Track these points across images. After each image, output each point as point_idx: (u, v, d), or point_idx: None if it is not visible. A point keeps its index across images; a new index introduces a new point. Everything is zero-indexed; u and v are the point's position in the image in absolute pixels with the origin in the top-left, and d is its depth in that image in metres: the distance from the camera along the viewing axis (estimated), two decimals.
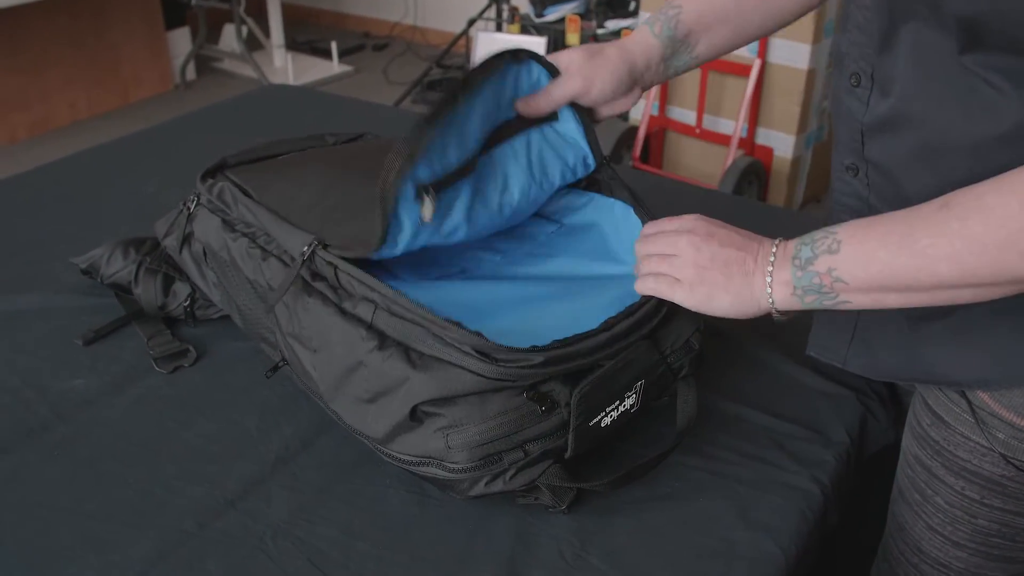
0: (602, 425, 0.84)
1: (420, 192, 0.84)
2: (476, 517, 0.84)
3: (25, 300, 1.15)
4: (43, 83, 3.45)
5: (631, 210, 0.99)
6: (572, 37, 3.35)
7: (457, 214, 0.89)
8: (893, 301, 0.74)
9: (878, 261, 0.71)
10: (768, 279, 0.78)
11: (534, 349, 0.77)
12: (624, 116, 3.56)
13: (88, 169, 1.55)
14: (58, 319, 1.11)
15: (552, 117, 1.00)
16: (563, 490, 0.83)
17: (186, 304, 1.09)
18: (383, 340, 0.82)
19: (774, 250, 0.79)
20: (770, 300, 0.79)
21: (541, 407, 0.79)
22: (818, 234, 0.76)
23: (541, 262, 1.03)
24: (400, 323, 0.81)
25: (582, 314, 0.87)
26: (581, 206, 1.05)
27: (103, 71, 3.66)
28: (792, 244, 0.78)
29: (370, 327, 0.83)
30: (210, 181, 1.05)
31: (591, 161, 1.02)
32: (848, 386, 1.02)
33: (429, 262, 1.01)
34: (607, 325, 0.82)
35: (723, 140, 2.88)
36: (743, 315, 0.82)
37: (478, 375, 0.77)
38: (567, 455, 0.83)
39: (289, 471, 0.89)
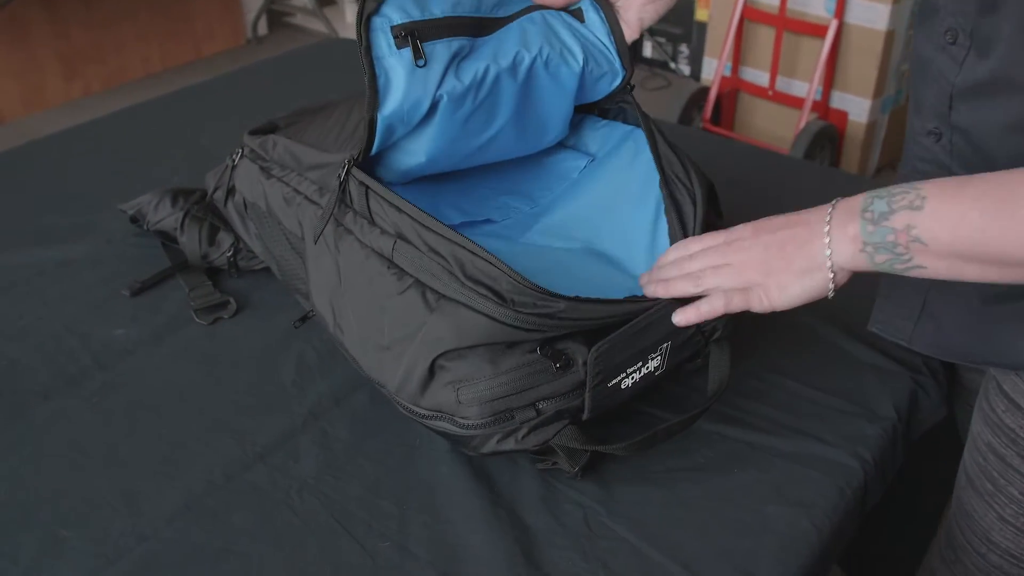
0: (622, 387, 0.81)
1: (397, 36, 0.82)
2: (502, 481, 0.83)
3: (77, 249, 1.16)
4: (117, 37, 3.50)
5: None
6: None
7: (467, 72, 0.87)
8: (972, 273, 0.67)
9: (968, 224, 0.64)
10: (826, 238, 0.71)
11: (555, 295, 0.74)
12: (695, 76, 3.48)
13: (149, 120, 1.56)
14: (107, 268, 1.13)
15: (577, 16, 0.95)
16: (578, 453, 0.81)
17: (229, 254, 1.10)
18: (401, 277, 0.79)
19: (831, 209, 0.73)
20: (829, 261, 0.71)
21: (556, 364, 0.77)
22: (897, 188, 0.69)
23: (572, 206, 0.99)
24: (418, 256, 0.78)
25: (614, 275, 0.84)
26: (614, 137, 1.00)
27: (176, 25, 3.70)
28: (859, 198, 0.71)
29: (391, 263, 0.80)
30: (259, 138, 1.05)
31: (618, 67, 0.96)
32: (897, 360, 0.97)
33: (451, 203, 0.99)
34: (633, 298, 0.79)
35: (796, 103, 2.79)
36: (817, 293, 0.75)
37: (492, 319, 0.74)
38: (584, 416, 0.80)
39: (320, 427, 0.89)
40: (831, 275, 0.73)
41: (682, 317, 0.79)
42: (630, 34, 0.96)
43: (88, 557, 0.76)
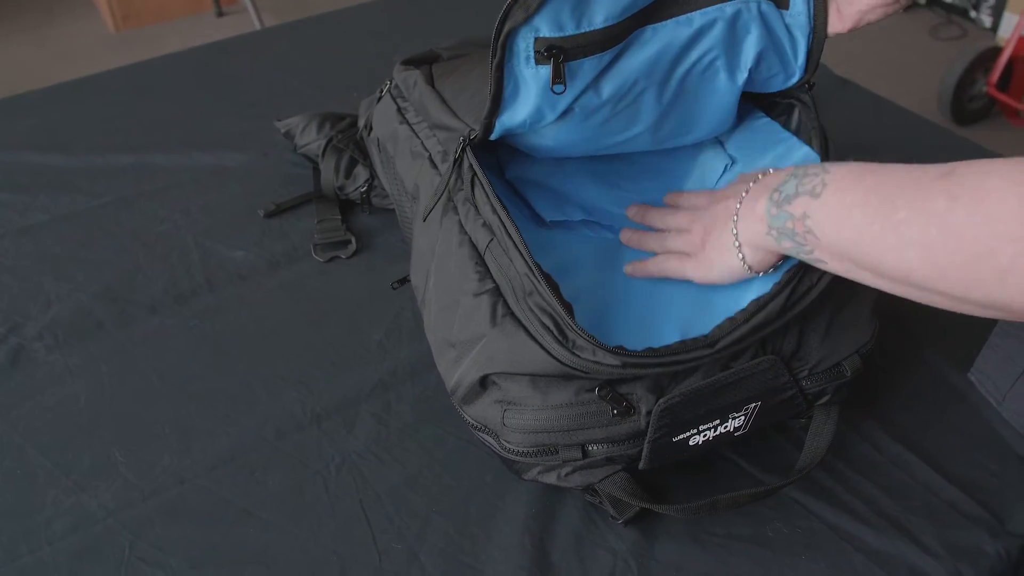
0: (690, 444, 0.72)
1: (538, 51, 0.70)
2: (542, 505, 0.77)
3: (235, 158, 1.18)
4: None
5: None
6: None
7: (609, 85, 0.75)
8: (868, 280, 0.60)
9: (851, 224, 0.57)
10: (735, 216, 0.64)
11: (616, 351, 0.65)
12: (996, 29, 3.07)
13: (335, 31, 1.54)
14: (256, 182, 1.14)
15: (781, 3, 0.80)
16: (625, 503, 0.73)
17: (363, 189, 1.07)
18: (483, 279, 0.73)
19: (760, 176, 0.65)
20: (736, 240, 0.67)
21: (613, 410, 0.68)
22: (814, 168, 0.62)
23: None
24: (505, 260, 0.71)
25: (716, 303, 0.74)
26: (772, 146, 0.84)
27: None
28: (782, 173, 0.65)
29: (480, 260, 0.74)
30: (406, 71, 1.00)
31: (796, 68, 0.82)
32: None
33: (577, 200, 0.90)
34: (713, 337, 0.68)
35: None
36: (735, 273, 0.70)
37: (548, 353, 0.67)
38: (640, 467, 0.72)
39: (385, 399, 0.86)
40: (740, 255, 0.69)
41: (631, 268, 0.79)
42: (839, 27, 0.80)
43: (127, 487, 0.78)
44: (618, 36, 0.73)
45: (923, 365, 0.90)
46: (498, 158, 0.92)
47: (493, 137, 0.77)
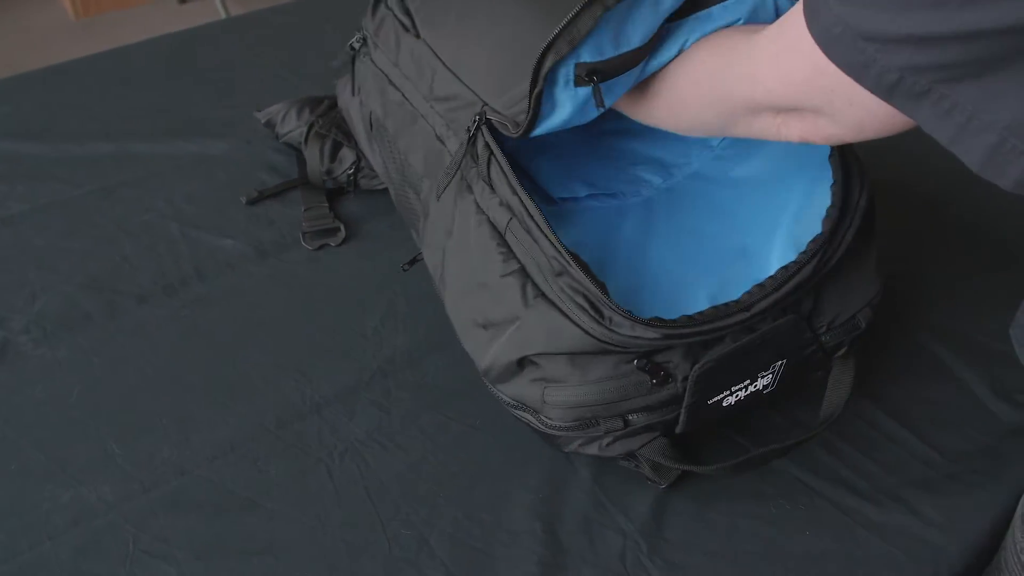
0: (723, 404, 0.74)
1: (578, 75, 0.69)
2: (550, 489, 0.77)
3: (217, 146, 1.16)
4: None
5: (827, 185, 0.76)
6: None
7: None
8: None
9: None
10: None
11: (653, 323, 0.66)
12: None
13: (307, 19, 1.50)
14: (239, 171, 1.12)
15: None
16: (665, 468, 0.75)
17: (350, 171, 1.06)
18: (508, 259, 0.72)
19: None
20: None
21: (652, 379, 0.70)
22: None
23: (713, 187, 0.89)
24: (529, 243, 0.71)
25: (741, 270, 0.75)
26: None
27: None
28: None
29: (502, 240, 0.73)
30: (379, 11, 0.93)
31: None
32: None
33: (582, 174, 0.90)
34: (745, 303, 0.69)
35: None
36: None
37: (585, 332, 0.67)
38: (677, 431, 0.73)
39: (385, 386, 0.86)
40: None
41: None
42: None
43: (126, 480, 0.77)
44: (650, 47, 0.72)
45: (913, 343, 0.91)
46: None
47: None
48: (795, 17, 0.55)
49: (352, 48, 0.99)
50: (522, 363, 0.73)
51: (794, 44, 0.55)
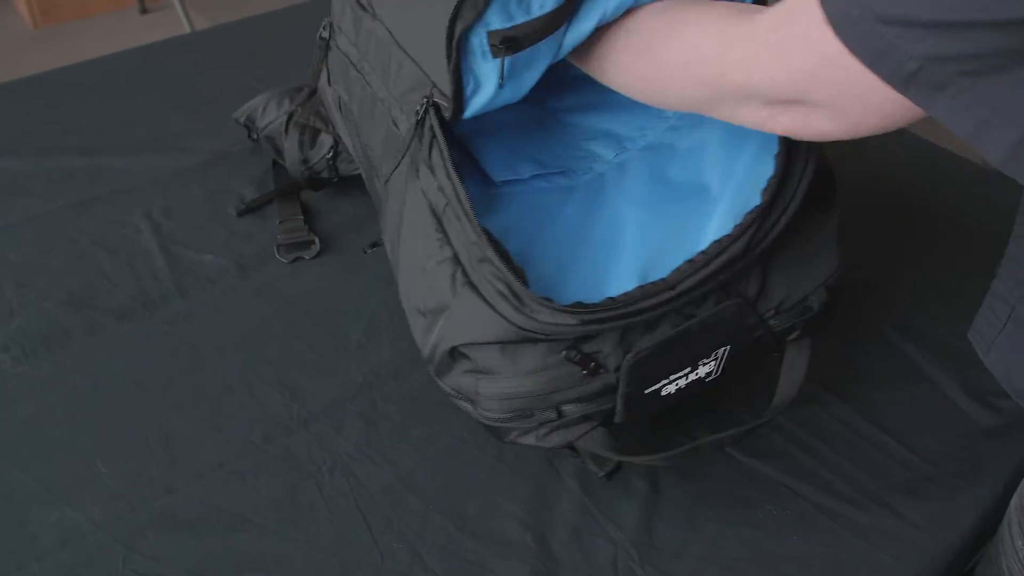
0: (663, 394, 0.72)
1: (493, 45, 0.67)
2: (539, 499, 0.78)
3: (194, 159, 1.16)
4: None
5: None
6: None
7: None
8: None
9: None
10: None
11: (573, 309, 0.65)
12: None
13: (277, 30, 1.50)
14: (216, 183, 1.12)
15: None
16: (604, 458, 0.74)
17: (328, 156, 1.06)
18: (443, 246, 0.71)
19: None
20: None
21: (583, 370, 0.69)
22: None
23: (664, 158, 0.87)
24: (461, 229, 0.70)
25: (673, 246, 0.73)
26: None
27: None
28: None
29: (440, 225, 0.72)
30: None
31: None
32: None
33: (529, 152, 0.89)
34: (672, 281, 0.67)
35: None
36: None
37: (507, 320, 0.66)
38: (616, 420, 0.72)
39: (371, 399, 0.86)
40: None
41: None
42: None
43: (114, 499, 0.77)
44: (566, 13, 0.70)
45: (887, 347, 0.93)
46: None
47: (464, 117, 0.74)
48: (803, 2, 0.51)
49: (322, 38, 0.97)
50: (454, 354, 0.72)
51: (803, 32, 0.51)
